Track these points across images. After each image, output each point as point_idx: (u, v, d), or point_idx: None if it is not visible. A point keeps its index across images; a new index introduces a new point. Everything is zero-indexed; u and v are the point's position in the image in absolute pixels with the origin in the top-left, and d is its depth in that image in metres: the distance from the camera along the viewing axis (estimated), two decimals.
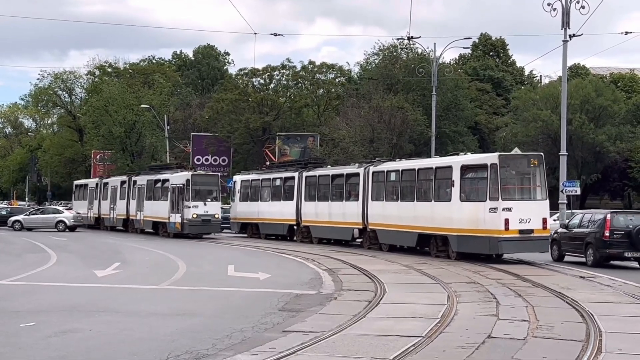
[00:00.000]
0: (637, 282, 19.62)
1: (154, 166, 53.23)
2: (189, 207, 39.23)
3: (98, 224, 54.46)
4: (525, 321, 13.33)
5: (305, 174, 38.79)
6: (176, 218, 40.01)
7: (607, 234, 24.79)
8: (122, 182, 50.56)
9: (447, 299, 16.07)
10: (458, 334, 12.07)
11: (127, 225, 48.86)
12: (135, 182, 47.95)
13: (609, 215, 25.74)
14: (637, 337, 11.94)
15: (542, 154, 28.90)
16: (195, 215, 38.99)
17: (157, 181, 44.73)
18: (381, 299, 16.28)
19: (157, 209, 43.53)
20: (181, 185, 40.44)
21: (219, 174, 44.48)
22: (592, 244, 25.34)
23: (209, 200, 40.33)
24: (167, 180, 42.70)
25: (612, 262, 25.54)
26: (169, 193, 41.72)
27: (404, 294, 16.98)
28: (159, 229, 44.34)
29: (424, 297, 16.55)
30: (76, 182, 65.55)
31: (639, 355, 10.45)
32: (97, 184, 55.82)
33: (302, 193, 38.36)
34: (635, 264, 25.58)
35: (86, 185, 60.06)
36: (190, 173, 41.30)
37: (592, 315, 13.64)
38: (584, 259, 25.74)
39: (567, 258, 26.91)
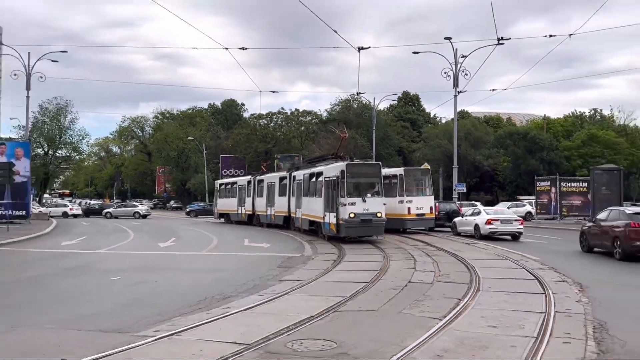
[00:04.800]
0: (502, 247, 19.83)
1: (312, 159, 34.27)
2: (345, 204, 21.65)
3: (251, 220, 36.13)
4: (432, 272, 13.45)
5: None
6: (330, 218, 22.60)
7: (437, 213, 28.06)
8: (282, 178, 31.61)
9: (383, 258, 16.13)
10: (390, 280, 12.15)
11: (289, 223, 30.07)
12: (294, 177, 29.21)
13: (437, 203, 29.12)
14: (501, 280, 12.07)
15: (429, 168, 31.00)
16: (352, 215, 21.65)
17: (312, 175, 26.17)
18: (342, 259, 16.29)
19: (313, 207, 25.44)
20: (335, 179, 22.46)
21: (380, 163, 24.94)
22: None
23: (369, 195, 22.31)
24: (321, 173, 24.49)
25: (437, 229, 28.17)
26: (323, 188, 23.75)
27: (356, 256, 17.00)
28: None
29: (369, 257, 16.59)
30: (220, 181, 45.72)
31: (501, 291, 10.59)
32: (249, 182, 36.94)
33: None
34: (448, 229, 27.98)
35: (234, 183, 40.66)
36: (345, 163, 23.05)
37: (474, 267, 13.80)
38: (423, 229, 27.83)
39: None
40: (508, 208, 39.94)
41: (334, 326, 7.93)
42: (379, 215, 21.79)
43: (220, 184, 43.28)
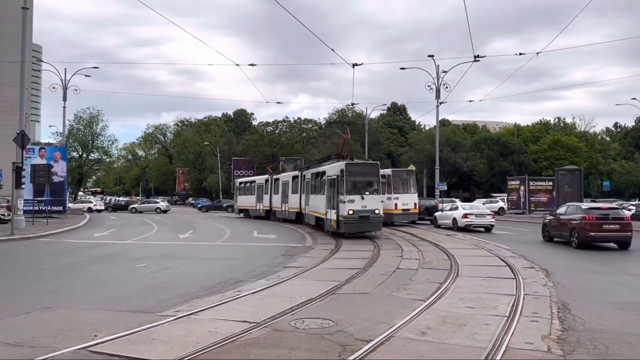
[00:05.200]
0: (478, 238, 19.81)
1: (321, 159, 30.45)
2: (344, 202, 19.64)
3: (268, 216, 33.78)
4: (417, 259, 13.42)
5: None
6: (331, 215, 20.68)
7: (417, 208, 27.53)
8: (294, 177, 28.87)
9: (374, 248, 16.09)
10: (380, 267, 12.13)
11: (302, 218, 27.43)
12: (304, 176, 26.52)
13: (418, 200, 28.51)
14: (477, 267, 12.07)
15: (413, 169, 30.81)
16: (351, 212, 19.59)
17: (317, 174, 23.85)
18: (339, 248, 16.25)
19: (318, 205, 23.05)
20: (335, 177, 20.36)
21: (378, 162, 22.43)
22: None
23: (367, 193, 19.99)
24: (324, 172, 22.23)
25: (419, 221, 28.20)
26: (326, 187, 21.64)
27: (351, 246, 16.96)
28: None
29: (362, 247, 16.53)
30: (239, 180, 42.46)
31: (477, 277, 10.58)
32: (266, 180, 34.42)
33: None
34: (428, 222, 28.35)
35: (253, 181, 38.17)
36: (344, 162, 20.61)
37: (453, 255, 13.78)
38: (406, 221, 27.51)
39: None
40: (483, 204, 40.03)
41: (331, 307, 7.92)
42: (376, 212, 19.72)
43: (240, 182, 40.72)
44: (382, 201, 20.46)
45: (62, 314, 7.64)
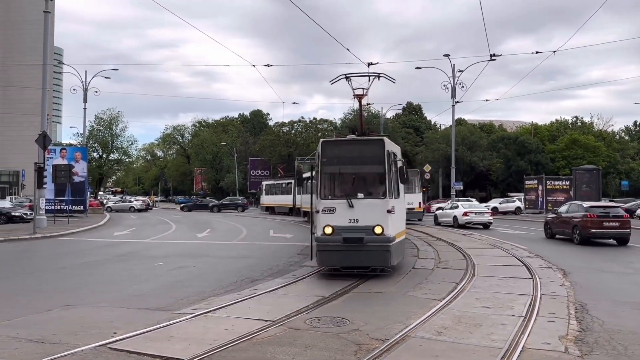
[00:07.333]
0: (495, 237, 19.60)
1: None
2: (317, 211, 9.46)
3: None
4: (433, 259, 13.33)
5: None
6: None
7: (421, 207, 28.35)
8: None
9: None
10: (395, 266, 12.04)
11: None
12: None
13: (422, 199, 29.06)
14: (492, 266, 11.92)
15: (419, 170, 31.27)
16: (329, 230, 9.18)
17: None
18: None
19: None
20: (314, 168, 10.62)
21: (383, 138, 9.64)
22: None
23: (361, 195, 9.32)
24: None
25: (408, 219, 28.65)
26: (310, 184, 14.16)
27: None
28: None
29: None
30: (305, 175, 27.67)
31: (494, 277, 10.46)
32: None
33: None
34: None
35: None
36: (321, 140, 9.93)
37: (470, 255, 13.65)
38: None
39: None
40: (500, 203, 39.72)
41: (346, 306, 7.90)
42: (377, 230, 9.64)
43: (306, 179, 29.41)
44: (388, 210, 9.80)
45: (82, 311, 7.74)
